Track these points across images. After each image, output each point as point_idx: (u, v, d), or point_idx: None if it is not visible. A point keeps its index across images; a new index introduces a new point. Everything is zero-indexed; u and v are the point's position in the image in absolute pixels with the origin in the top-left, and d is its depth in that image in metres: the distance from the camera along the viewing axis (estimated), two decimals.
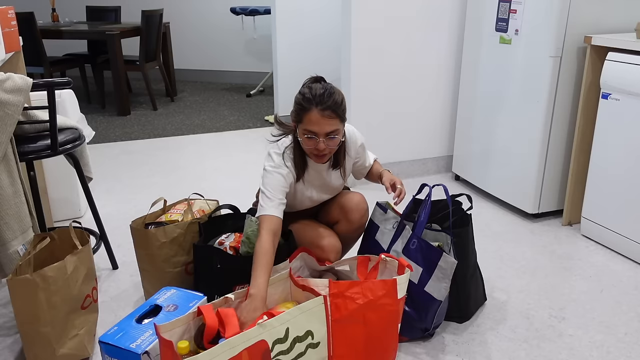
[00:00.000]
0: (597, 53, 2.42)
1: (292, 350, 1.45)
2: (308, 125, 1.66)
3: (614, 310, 2.01)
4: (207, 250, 1.82)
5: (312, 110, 1.64)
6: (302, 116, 1.67)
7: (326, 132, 1.66)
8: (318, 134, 1.66)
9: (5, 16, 2.02)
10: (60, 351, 1.63)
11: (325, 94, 1.65)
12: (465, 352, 1.78)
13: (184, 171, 3.47)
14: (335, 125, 1.67)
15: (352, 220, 1.92)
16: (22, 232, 1.78)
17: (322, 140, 1.67)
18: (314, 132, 1.66)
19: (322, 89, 1.66)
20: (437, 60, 3.16)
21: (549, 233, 2.62)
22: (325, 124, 1.65)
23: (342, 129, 1.72)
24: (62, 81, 1.85)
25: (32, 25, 4.44)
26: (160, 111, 5.06)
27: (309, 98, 1.65)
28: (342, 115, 1.68)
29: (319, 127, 1.65)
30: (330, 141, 1.69)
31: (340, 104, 1.68)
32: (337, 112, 1.66)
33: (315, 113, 1.64)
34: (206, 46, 6.38)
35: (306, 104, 1.66)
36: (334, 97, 1.66)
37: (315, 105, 1.64)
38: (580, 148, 2.56)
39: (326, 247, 1.86)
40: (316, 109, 1.64)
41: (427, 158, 3.35)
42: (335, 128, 1.67)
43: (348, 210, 1.92)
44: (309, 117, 1.65)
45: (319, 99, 1.64)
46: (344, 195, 1.95)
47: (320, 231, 1.89)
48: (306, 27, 4.28)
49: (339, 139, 1.71)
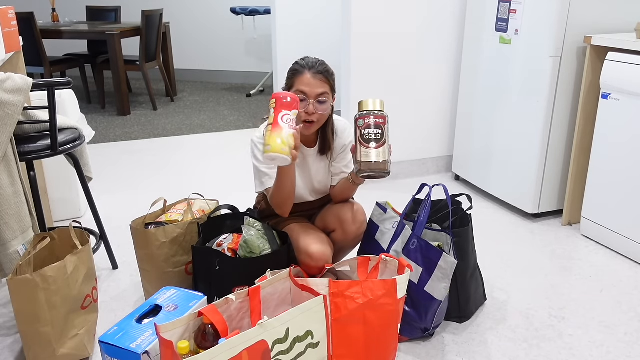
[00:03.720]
0: (597, 53, 2.42)
1: (292, 350, 1.45)
2: (300, 85, 1.72)
3: (614, 310, 2.01)
4: (205, 252, 1.82)
5: (305, 73, 1.72)
6: (294, 80, 1.75)
7: (317, 94, 1.71)
8: (309, 95, 1.71)
9: (5, 16, 2.02)
10: (60, 351, 1.63)
11: (318, 62, 1.75)
12: (465, 352, 1.78)
13: (184, 171, 3.47)
14: (326, 89, 1.73)
15: (348, 231, 1.90)
16: (22, 232, 1.78)
17: (312, 102, 1.72)
18: (305, 92, 1.71)
19: (315, 59, 1.77)
20: (437, 60, 3.16)
21: (549, 233, 2.62)
22: (317, 86, 1.71)
23: (331, 98, 1.76)
24: (62, 81, 1.85)
25: (32, 25, 4.44)
26: (160, 111, 5.06)
27: (303, 64, 1.75)
28: (332, 84, 1.76)
29: (310, 88, 1.71)
30: (320, 105, 1.73)
31: (332, 74, 1.77)
32: (328, 78, 1.74)
33: (307, 75, 1.72)
34: (206, 46, 6.38)
35: (299, 68, 1.74)
36: (326, 67, 1.76)
37: (308, 69, 1.73)
38: (580, 148, 2.57)
39: (315, 254, 1.81)
40: (309, 72, 1.72)
41: (427, 158, 3.35)
42: (326, 91, 1.73)
43: (344, 221, 1.89)
44: (301, 79, 1.72)
45: (312, 64, 1.74)
46: (342, 206, 1.93)
47: (311, 237, 1.85)
48: (306, 27, 4.28)
49: (328, 107, 1.75)
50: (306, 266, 1.83)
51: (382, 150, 1.67)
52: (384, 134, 1.68)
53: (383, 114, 1.69)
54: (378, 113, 1.69)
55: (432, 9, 3.05)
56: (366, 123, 1.68)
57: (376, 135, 1.67)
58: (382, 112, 1.70)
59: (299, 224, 1.93)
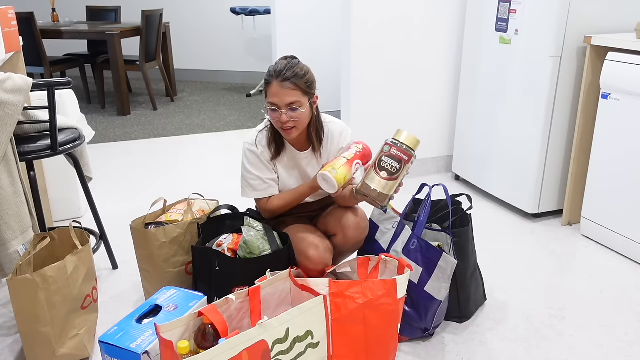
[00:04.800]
0: (597, 53, 2.42)
1: (292, 350, 1.45)
2: (270, 97, 1.72)
3: (614, 310, 2.01)
4: (205, 252, 1.82)
5: (273, 83, 1.71)
6: (266, 91, 1.74)
7: (287, 103, 1.70)
8: (279, 106, 1.70)
9: (5, 16, 2.02)
10: (60, 351, 1.63)
11: (286, 68, 1.71)
12: (465, 352, 1.78)
13: (184, 171, 3.47)
14: (296, 96, 1.70)
15: (349, 237, 1.89)
16: (22, 232, 1.78)
17: (284, 112, 1.71)
18: (275, 104, 1.71)
19: (284, 64, 1.72)
20: (437, 60, 3.16)
21: (549, 233, 2.62)
22: (285, 95, 1.69)
23: (306, 103, 1.73)
24: (62, 81, 1.85)
25: (32, 25, 4.44)
26: (160, 111, 5.06)
27: (271, 73, 1.72)
28: (303, 88, 1.72)
29: (279, 98, 1.70)
30: (293, 113, 1.71)
31: (303, 77, 1.72)
32: (297, 84, 1.70)
33: (275, 85, 1.70)
34: (206, 46, 6.38)
35: (268, 78, 1.73)
36: (295, 70, 1.71)
37: (275, 78, 1.70)
38: (580, 148, 2.57)
39: (314, 258, 1.81)
40: (276, 81, 1.70)
41: (427, 158, 3.35)
42: (296, 99, 1.70)
43: (345, 226, 1.88)
44: (271, 89, 1.71)
45: (279, 72, 1.70)
46: (345, 210, 1.91)
47: (311, 240, 1.84)
48: (306, 27, 4.28)
49: (302, 112, 1.73)
50: (305, 269, 1.82)
51: (389, 183, 1.66)
52: (401, 170, 1.66)
53: (410, 153, 1.68)
54: (407, 149, 1.67)
55: (432, 9, 3.05)
56: (390, 152, 1.67)
57: (392, 168, 1.66)
58: (411, 150, 1.68)
59: (300, 226, 1.92)
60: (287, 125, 1.73)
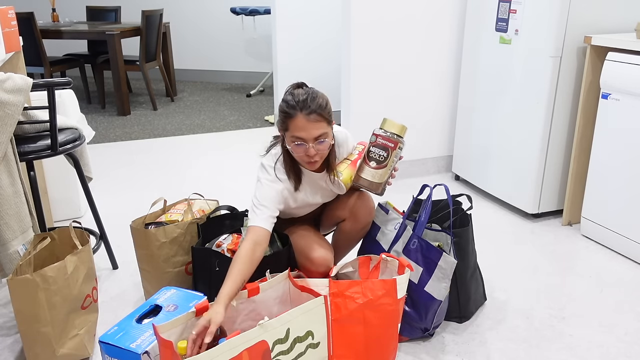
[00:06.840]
0: (597, 53, 2.42)
1: (292, 351, 1.45)
2: (295, 131, 1.62)
3: (614, 310, 2.01)
4: (205, 253, 1.82)
5: (297, 116, 1.60)
6: (287, 124, 1.63)
7: (314, 137, 1.62)
8: (306, 140, 1.62)
9: (5, 16, 2.02)
10: (60, 351, 1.63)
11: (308, 99, 1.61)
12: (465, 352, 1.78)
13: (184, 171, 3.47)
14: (323, 128, 1.62)
15: (359, 218, 1.88)
16: (22, 232, 1.78)
17: (312, 146, 1.63)
18: (302, 138, 1.62)
19: (304, 94, 1.63)
20: (437, 60, 3.16)
21: (549, 233, 2.62)
22: (312, 128, 1.60)
23: (330, 132, 1.68)
24: (62, 81, 1.85)
25: (32, 25, 4.44)
26: (160, 111, 5.06)
27: (293, 104, 1.61)
28: (328, 118, 1.65)
29: (306, 132, 1.61)
30: (320, 145, 1.64)
31: (325, 106, 1.64)
32: (322, 115, 1.62)
33: (300, 118, 1.60)
34: (206, 46, 6.38)
35: (291, 111, 1.61)
36: (318, 101, 1.62)
37: (300, 111, 1.60)
38: (580, 148, 2.57)
39: (316, 260, 1.79)
40: (301, 113, 1.60)
41: (427, 158, 3.35)
42: (323, 131, 1.62)
43: (354, 205, 1.87)
44: (295, 123, 1.61)
45: (303, 104, 1.60)
46: (351, 194, 1.91)
47: (312, 242, 1.83)
48: (306, 27, 4.28)
49: (328, 143, 1.66)
50: (307, 271, 1.82)
51: (379, 172, 1.72)
52: (388, 158, 1.70)
53: (396, 139, 1.71)
54: (391, 136, 1.71)
55: (432, 9, 3.05)
56: (377, 141, 1.72)
57: (379, 156, 1.71)
58: (397, 136, 1.71)
59: (301, 228, 1.92)
60: (314, 158, 1.66)
